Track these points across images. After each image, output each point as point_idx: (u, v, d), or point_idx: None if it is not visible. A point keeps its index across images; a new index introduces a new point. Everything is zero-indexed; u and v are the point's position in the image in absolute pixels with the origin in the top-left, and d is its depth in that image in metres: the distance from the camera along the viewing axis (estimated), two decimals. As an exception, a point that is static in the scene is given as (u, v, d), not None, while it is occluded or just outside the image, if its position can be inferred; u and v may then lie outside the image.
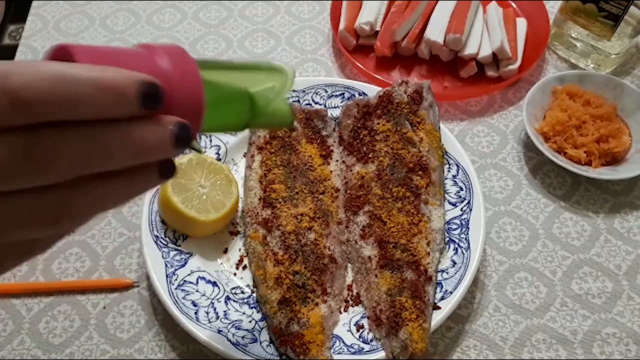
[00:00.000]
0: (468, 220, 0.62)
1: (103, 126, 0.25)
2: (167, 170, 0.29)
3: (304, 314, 0.55)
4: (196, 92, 0.28)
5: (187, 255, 0.60)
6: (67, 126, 0.25)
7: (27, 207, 0.25)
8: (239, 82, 0.33)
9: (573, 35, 0.80)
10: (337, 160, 0.67)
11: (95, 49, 0.27)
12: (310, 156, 0.65)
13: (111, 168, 0.26)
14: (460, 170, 0.65)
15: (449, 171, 0.66)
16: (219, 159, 0.67)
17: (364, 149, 0.65)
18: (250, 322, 0.56)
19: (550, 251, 0.64)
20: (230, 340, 0.54)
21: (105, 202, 0.28)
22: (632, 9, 0.72)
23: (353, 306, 0.58)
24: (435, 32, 0.78)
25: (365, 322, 0.57)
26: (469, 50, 0.77)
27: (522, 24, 0.84)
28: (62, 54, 0.26)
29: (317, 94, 0.72)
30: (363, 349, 0.55)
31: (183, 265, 0.59)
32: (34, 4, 0.91)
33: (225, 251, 0.62)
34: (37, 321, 0.60)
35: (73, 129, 0.25)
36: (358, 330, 0.56)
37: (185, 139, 0.27)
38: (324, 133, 0.68)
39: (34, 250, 0.29)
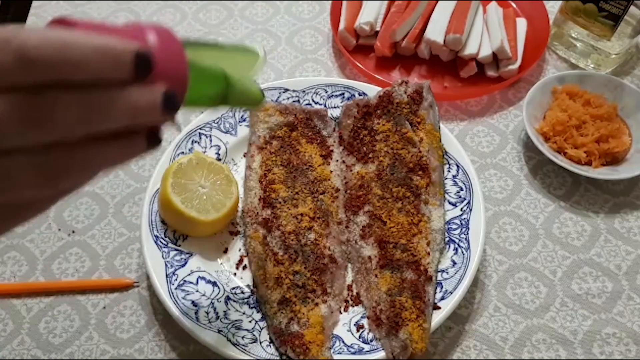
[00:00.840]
0: (468, 220, 0.62)
1: (100, 88, 0.27)
2: (154, 138, 0.31)
3: (304, 314, 0.55)
4: (181, 68, 0.31)
5: (187, 255, 0.60)
6: (68, 87, 0.26)
7: (25, 164, 0.27)
8: (216, 61, 0.36)
9: (573, 35, 0.80)
10: (337, 160, 0.67)
11: (92, 22, 0.29)
12: (311, 156, 0.65)
13: (106, 127, 0.28)
14: (460, 170, 0.65)
15: (449, 171, 0.66)
16: (219, 159, 0.67)
17: (364, 149, 0.65)
18: (250, 322, 0.56)
19: (550, 251, 0.64)
20: (230, 340, 0.54)
21: (98, 164, 0.29)
22: (632, 9, 0.72)
23: (353, 306, 0.58)
24: (435, 32, 0.78)
25: (365, 322, 0.57)
26: (469, 50, 0.77)
27: (522, 24, 0.84)
28: (63, 25, 0.29)
29: (317, 94, 0.72)
30: (363, 349, 0.55)
31: (183, 265, 0.59)
32: (34, 4, 0.91)
33: (225, 251, 0.62)
34: (37, 321, 0.60)
35: (73, 89, 0.26)
36: (358, 330, 0.56)
37: (173, 105, 0.29)
38: (324, 133, 0.68)
39: (31, 210, 0.30)
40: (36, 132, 0.26)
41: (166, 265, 0.58)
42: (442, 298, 0.56)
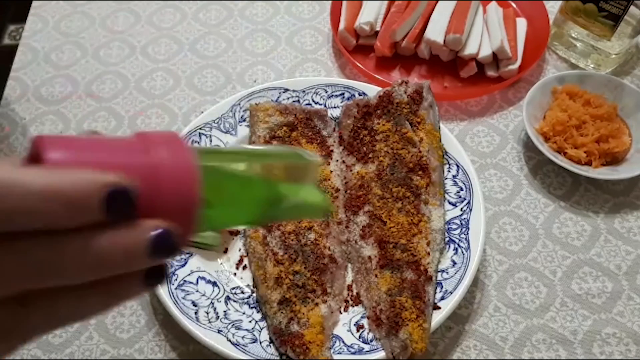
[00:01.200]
0: (468, 220, 0.62)
1: (60, 235, 0.22)
2: (153, 277, 0.25)
3: (304, 314, 0.55)
4: (189, 184, 0.24)
5: (187, 255, 0.60)
6: (16, 236, 0.22)
7: None
8: (253, 170, 0.30)
9: (573, 35, 0.80)
10: (337, 160, 0.67)
11: (72, 141, 0.23)
12: (310, 156, 0.65)
13: (68, 283, 0.23)
14: (460, 170, 0.65)
15: (449, 171, 0.66)
16: (219, 159, 0.67)
17: (364, 149, 0.65)
18: (250, 322, 0.56)
19: (550, 251, 0.64)
20: (230, 340, 0.54)
21: (68, 319, 0.24)
22: (632, 9, 0.72)
23: (353, 306, 0.58)
24: (435, 32, 0.78)
25: (365, 322, 0.57)
26: (469, 50, 0.77)
27: (522, 24, 0.84)
28: (35, 148, 0.23)
29: (317, 94, 0.72)
30: (363, 349, 0.55)
31: (183, 265, 0.59)
32: (34, 4, 0.91)
33: (225, 251, 0.62)
34: (37, 321, 0.60)
35: (22, 239, 0.22)
36: (358, 330, 0.56)
37: (165, 247, 0.24)
38: (324, 133, 0.68)
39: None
40: None
41: (166, 265, 0.58)
42: (442, 298, 0.56)
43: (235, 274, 0.60)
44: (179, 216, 0.24)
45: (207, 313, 0.56)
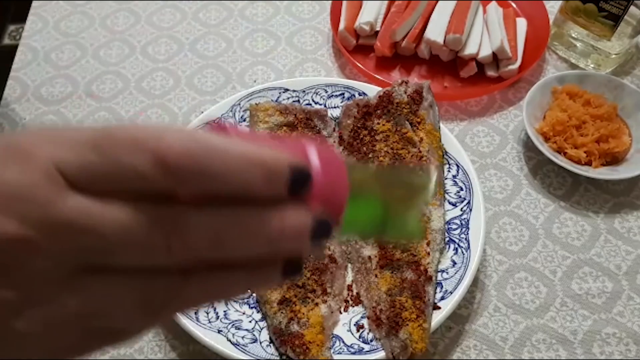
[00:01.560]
0: (468, 220, 0.62)
1: (243, 206, 0.23)
2: (293, 269, 0.25)
3: (304, 314, 0.55)
4: (341, 192, 0.26)
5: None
6: (206, 202, 0.22)
7: (132, 290, 0.23)
8: (377, 188, 0.31)
9: (573, 35, 0.80)
10: (337, 160, 0.66)
11: (248, 130, 0.25)
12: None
13: (241, 254, 0.23)
14: (460, 170, 0.65)
15: (449, 171, 0.66)
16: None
17: (364, 149, 0.65)
18: (250, 322, 0.56)
19: (550, 251, 0.64)
20: (230, 340, 0.54)
21: (215, 297, 0.25)
22: (632, 9, 0.72)
23: (353, 306, 0.58)
24: (435, 32, 0.78)
25: (365, 322, 0.57)
26: (469, 50, 0.77)
27: (522, 24, 0.84)
28: (216, 130, 0.25)
29: (317, 94, 0.72)
30: (363, 349, 0.55)
31: (183, 265, 0.59)
32: (34, 4, 0.91)
33: (225, 251, 0.62)
34: (37, 321, 0.60)
35: (211, 205, 0.22)
36: (358, 330, 0.56)
37: (324, 234, 0.24)
38: (324, 133, 0.68)
39: (121, 338, 0.25)
40: (160, 252, 0.22)
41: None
42: (442, 298, 0.56)
43: (235, 274, 0.60)
44: (329, 209, 0.25)
45: (207, 313, 0.56)
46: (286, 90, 0.72)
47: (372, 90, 0.71)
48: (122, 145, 0.21)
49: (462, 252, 0.59)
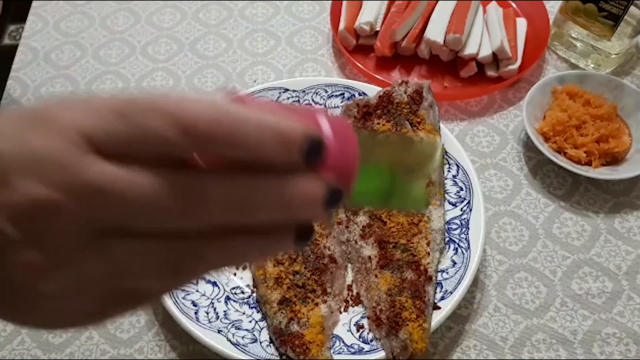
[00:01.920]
0: (468, 220, 0.62)
1: (261, 173, 0.24)
2: (304, 235, 0.26)
3: (304, 314, 0.55)
4: (352, 161, 0.27)
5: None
6: (225, 169, 0.23)
7: (155, 253, 0.23)
8: (385, 158, 0.32)
9: (573, 35, 0.80)
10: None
11: (262, 100, 0.26)
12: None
13: (259, 219, 0.24)
14: (460, 170, 0.65)
15: (449, 171, 0.66)
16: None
17: (364, 149, 0.65)
18: (250, 322, 0.56)
19: (550, 251, 0.64)
20: (230, 340, 0.54)
21: (233, 260, 0.26)
22: (632, 9, 0.72)
23: (353, 306, 0.58)
24: (435, 32, 0.78)
25: (365, 322, 0.57)
26: (469, 50, 0.77)
27: (522, 24, 0.84)
28: (233, 100, 0.26)
29: (317, 94, 0.72)
30: (363, 349, 0.55)
31: (183, 265, 0.59)
32: (34, 4, 0.91)
33: (225, 251, 0.62)
34: (37, 321, 0.60)
35: (231, 171, 0.23)
36: (358, 330, 0.56)
37: (336, 201, 0.25)
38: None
39: (142, 302, 0.26)
40: (181, 215, 0.23)
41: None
42: (442, 298, 0.56)
43: (235, 274, 0.60)
44: (340, 177, 0.26)
45: (207, 313, 0.56)
46: (286, 90, 0.72)
47: (372, 90, 0.71)
48: (144, 112, 0.22)
49: (462, 252, 0.59)
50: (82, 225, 0.22)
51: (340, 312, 0.58)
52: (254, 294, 0.58)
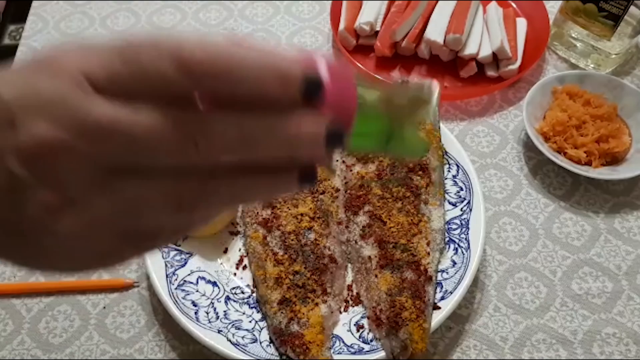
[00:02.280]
0: (468, 220, 0.62)
1: (263, 110, 0.24)
2: (309, 176, 0.27)
3: (304, 314, 0.55)
4: (351, 100, 0.27)
5: (187, 255, 0.60)
6: (227, 107, 0.24)
7: (162, 190, 0.24)
8: (383, 101, 0.32)
9: (573, 35, 0.80)
10: (337, 160, 0.67)
11: (262, 42, 0.25)
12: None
13: (262, 155, 0.25)
14: (460, 170, 0.65)
15: (449, 171, 0.66)
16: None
17: (364, 149, 0.65)
18: (250, 322, 0.56)
19: (550, 251, 0.64)
20: (230, 340, 0.54)
21: (240, 198, 0.27)
22: (632, 9, 0.72)
23: (353, 306, 0.58)
24: (435, 32, 0.78)
25: (365, 322, 0.57)
26: (469, 50, 0.77)
27: (522, 24, 0.84)
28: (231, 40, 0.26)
29: (317, 94, 0.72)
30: (363, 349, 0.55)
31: (183, 265, 0.59)
32: (34, 4, 0.91)
33: (225, 251, 0.62)
34: (37, 321, 0.60)
35: (231, 108, 0.24)
36: (358, 330, 0.56)
37: (338, 139, 0.26)
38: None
39: (155, 241, 0.27)
40: (187, 152, 0.23)
41: (166, 265, 0.58)
42: (442, 298, 0.56)
43: (235, 274, 0.60)
44: (340, 118, 0.26)
45: (207, 313, 0.56)
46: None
47: (372, 90, 0.71)
48: (145, 51, 0.23)
49: (462, 252, 0.59)
50: (90, 164, 0.23)
51: (340, 312, 0.58)
52: (254, 294, 0.58)
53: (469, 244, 0.60)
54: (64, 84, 0.22)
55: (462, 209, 0.63)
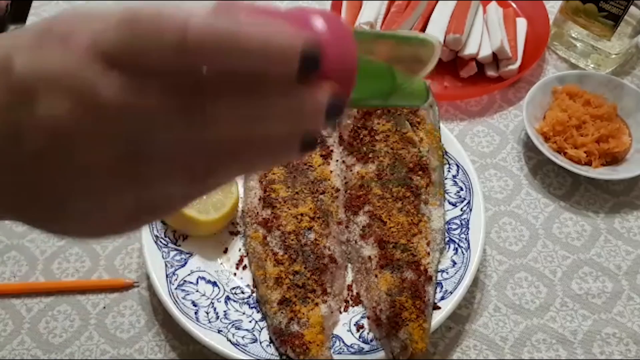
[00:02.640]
0: (468, 220, 0.62)
1: (264, 87, 0.25)
2: (309, 143, 0.27)
3: (304, 314, 0.55)
4: (350, 64, 0.27)
5: (187, 255, 0.60)
6: (226, 84, 0.24)
7: (174, 162, 0.25)
8: (384, 55, 0.32)
9: (573, 35, 0.80)
10: (337, 160, 0.67)
11: (253, 5, 0.26)
12: (310, 156, 0.65)
13: (265, 130, 0.26)
14: (460, 170, 0.65)
15: (449, 171, 0.66)
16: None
17: (364, 149, 0.65)
18: (250, 322, 0.56)
19: (550, 251, 0.64)
20: (230, 340, 0.54)
21: (248, 166, 0.28)
22: (632, 9, 0.73)
23: (353, 306, 0.58)
24: (435, 32, 0.78)
25: (365, 322, 0.57)
26: (469, 50, 0.77)
27: (522, 24, 0.84)
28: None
29: (317, 94, 0.72)
30: (363, 349, 0.55)
31: (183, 265, 0.59)
32: (34, 4, 0.91)
33: (225, 251, 0.62)
34: (37, 321, 0.60)
35: (233, 86, 0.24)
36: (358, 330, 0.56)
37: (338, 109, 0.26)
38: (323, 133, 0.68)
39: (168, 208, 0.28)
40: (191, 128, 0.24)
41: (166, 265, 0.58)
42: (442, 298, 0.56)
43: (235, 274, 0.60)
44: (340, 79, 0.26)
45: (207, 313, 0.56)
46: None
47: (372, 90, 0.71)
48: (153, 25, 0.23)
49: (462, 252, 0.59)
50: (106, 143, 0.23)
51: (340, 312, 0.58)
52: (254, 294, 0.58)
53: (469, 244, 0.60)
54: (76, 58, 0.23)
55: (462, 209, 0.63)
